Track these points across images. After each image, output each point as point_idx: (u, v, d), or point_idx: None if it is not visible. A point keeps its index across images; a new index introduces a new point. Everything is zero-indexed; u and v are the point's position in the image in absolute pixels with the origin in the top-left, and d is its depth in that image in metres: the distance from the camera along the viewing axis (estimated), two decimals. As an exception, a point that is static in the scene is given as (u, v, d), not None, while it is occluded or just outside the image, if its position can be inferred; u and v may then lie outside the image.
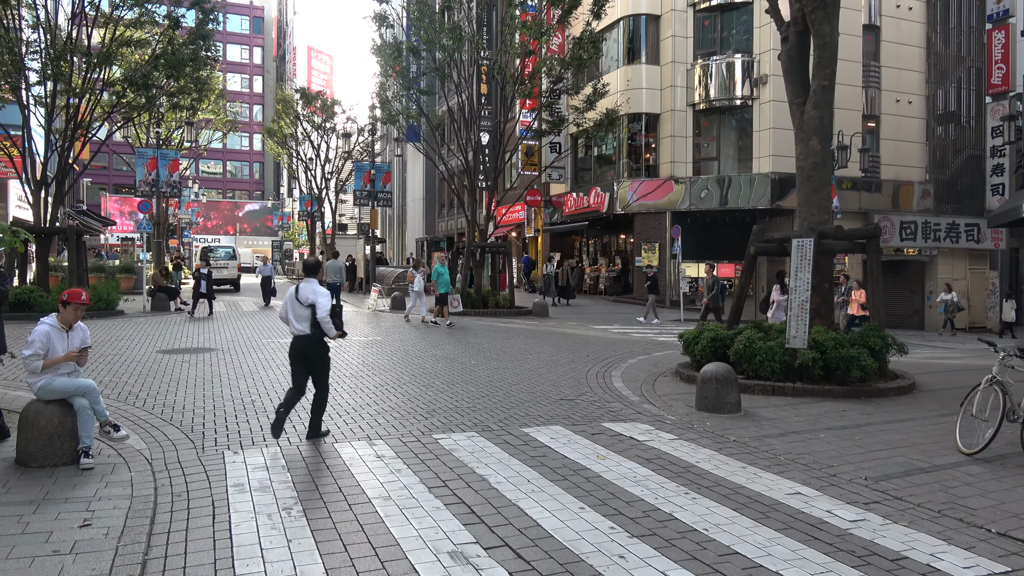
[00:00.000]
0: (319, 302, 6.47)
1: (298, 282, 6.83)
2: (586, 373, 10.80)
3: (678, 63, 25.25)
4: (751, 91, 24.23)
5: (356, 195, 26.28)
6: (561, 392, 9.17)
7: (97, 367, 10.14)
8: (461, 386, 9.39)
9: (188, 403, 7.99)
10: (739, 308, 10.96)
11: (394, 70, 20.86)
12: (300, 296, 6.54)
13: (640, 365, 11.78)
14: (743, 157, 24.87)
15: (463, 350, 12.98)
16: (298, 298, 6.55)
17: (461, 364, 11.29)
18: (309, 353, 6.63)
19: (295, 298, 6.57)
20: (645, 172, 26.00)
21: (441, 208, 44.42)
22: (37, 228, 17.24)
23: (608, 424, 7.45)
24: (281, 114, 40.46)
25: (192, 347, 12.57)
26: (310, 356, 6.64)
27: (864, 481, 5.72)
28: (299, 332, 6.58)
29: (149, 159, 23.60)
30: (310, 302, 6.49)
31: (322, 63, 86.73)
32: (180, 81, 19.64)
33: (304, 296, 6.52)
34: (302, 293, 6.55)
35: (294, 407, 6.72)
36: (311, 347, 6.63)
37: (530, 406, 8.24)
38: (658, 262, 25.06)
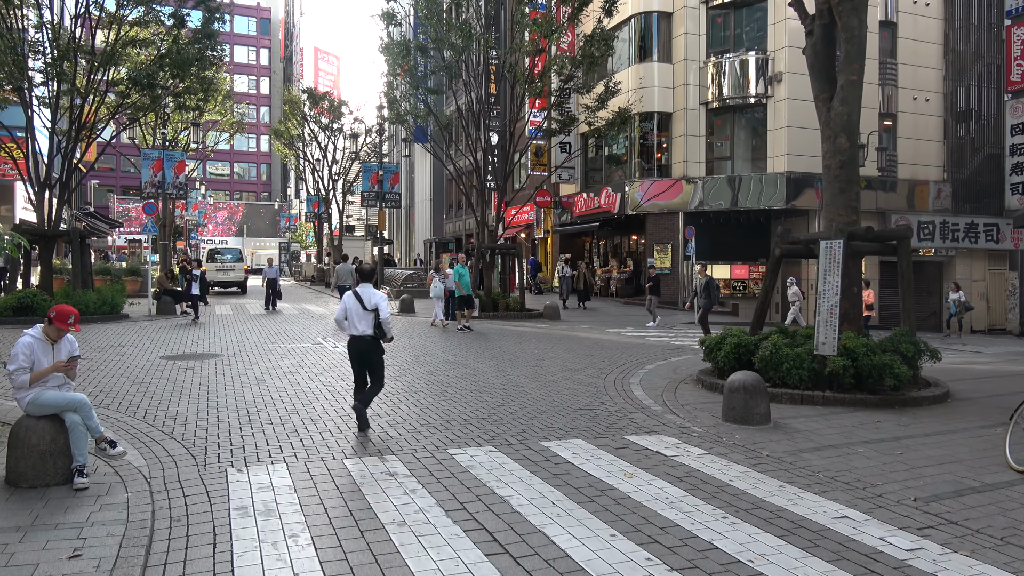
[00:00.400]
0: (382, 306, 7.00)
1: (355, 287, 7.23)
2: (604, 380, 10.41)
3: (690, 61, 24.82)
4: (765, 89, 23.77)
5: (364, 196, 25.94)
6: (579, 401, 8.79)
7: (98, 375, 9.81)
8: (475, 395, 9.01)
9: (191, 414, 7.64)
10: (763, 312, 10.53)
11: (402, 69, 20.50)
12: (365, 301, 7.00)
13: (659, 371, 11.37)
14: (757, 156, 24.42)
15: (475, 355, 12.60)
16: (363, 303, 7.00)
17: (474, 371, 10.92)
18: (368, 353, 7.10)
19: (359, 302, 7.01)
20: (657, 172, 25.57)
21: (449, 209, 44.08)
22: (40, 230, 16.97)
23: (632, 437, 7.06)
24: (288, 115, 40.18)
25: (197, 353, 12.24)
26: (368, 356, 7.11)
27: (913, 502, 5.31)
28: (359, 333, 7.02)
29: (155, 160, 23.33)
30: (374, 305, 6.97)
31: (329, 64, 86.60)
32: (186, 81, 19.34)
33: (368, 300, 6.99)
34: (365, 297, 7.02)
35: (367, 401, 7.15)
36: (370, 347, 7.08)
37: (548, 417, 7.85)
38: (671, 263, 24.64)
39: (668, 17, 25.50)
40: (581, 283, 23.67)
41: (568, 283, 24.04)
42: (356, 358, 7.14)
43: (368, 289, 7.15)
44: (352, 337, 7.12)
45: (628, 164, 26.45)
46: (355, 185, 41.15)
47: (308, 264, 48.43)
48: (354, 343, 7.11)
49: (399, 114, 21.80)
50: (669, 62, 25.31)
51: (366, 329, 7.00)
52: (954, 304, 23.36)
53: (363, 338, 7.03)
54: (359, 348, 7.08)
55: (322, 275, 38.58)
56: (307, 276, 44.60)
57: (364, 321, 7.00)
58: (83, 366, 10.45)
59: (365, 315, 7.00)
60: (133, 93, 18.08)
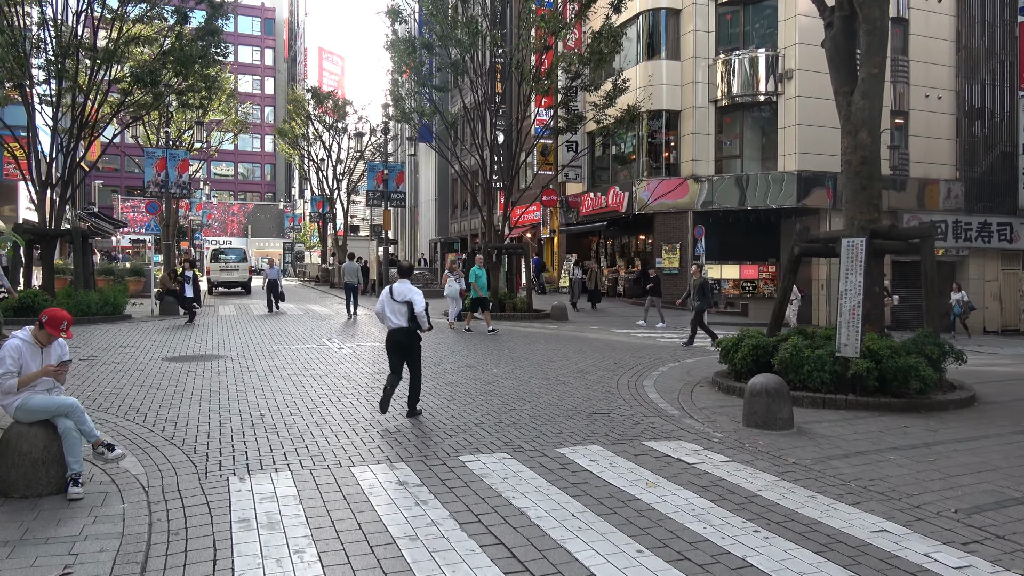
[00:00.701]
0: (415, 299, 7.43)
1: (392, 283, 7.68)
2: (616, 382, 10.12)
3: (699, 58, 24.50)
4: (775, 87, 23.44)
5: (369, 195, 25.68)
6: (593, 404, 8.50)
7: (97, 376, 9.56)
8: (485, 398, 8.73)
9: (192, 418, 7.37)
10: (781, 313, 10.22)
11: (408, 66, 20.24)
12: (396, 295, 7.46)
13: (672, 373, 11.08)
14: (767, 155, 24.09)
15: (483, 357, 12.32)
16: (394, 297, 7.46)
17: (483, 373, 10.64)
18: (404, 344, 7.55)
19: (391, 297, 7.49)
20: (665, 171, 25.26)
21: (454, 209, 43.81)
22: (42, 230, 16.74)
23: (651, 443, 6.76)
24: (292, 115, 39.99)
25: (199, 354, 11.98)
26: (405, 346, 7.56)
27: (954, 514, 5.01)
28: (396, 326, 7.49)
29: (158, 159, 23.11)
30: (407, 299, 7.44)
31: (333, 64, 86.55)
32: (189, 79, 19.10)
33: (400, 294, 7.46)
34: (398, 292, 7.48)
35: (395, 390, 7.52)
36: (407, 338, 7.54)
37: (562, 421, 7.56)
38: (679, 263, 24.32)
39: (677, 14, 25.19)
40: (593, 284, 23.23)
41: (579, 284, 23.46)
42: (393, 349, 7.60)
43: (403, 284, 7.62)
44: (390, 330, 7.61)
45: (636, 163, 26.15)
46: (359, 185, 40.92)
47: (312, 264, 48.24)
48: (391, 335, 7.60)
49: (404, 112, 21.54)
50: (678, 60, 25.00)
51: (401, 321, 7.48)
52: (957, 304, 22.77)
53: (399, 329, 7.51)
54: (395, 339, 7.55)
55: (327, 275, 38.37)
56: (311, 276, 44.40)
57: (398, 314, 7.49)
58: (83, 368, 10.20)
59: (398, 308, 7.47)
60: (136, 91, 17.85)
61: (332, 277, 35.89)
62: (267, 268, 21.76)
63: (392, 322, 7.51)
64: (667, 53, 25.13)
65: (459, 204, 42.83)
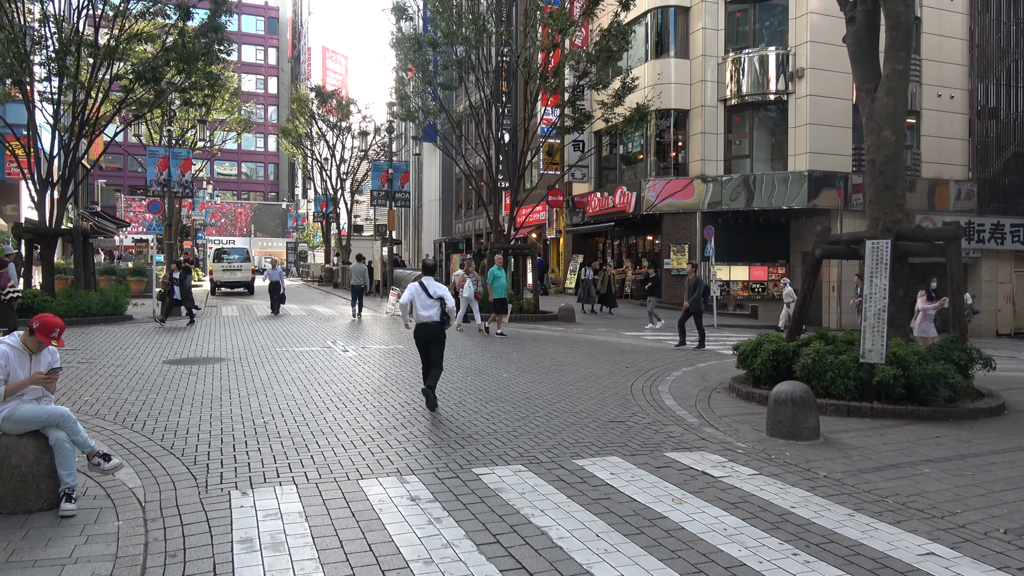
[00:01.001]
0: (447, 296, 8.00)
1: (420, 278, 8.19)
2: (631, 387, 9.82)
3: (708, 57, 24.18)
4: (786, 85, 23.11)
5: (373, 195, 25.39)
6: (608, 411, 8.19)
7: (96, 381, 9.27)
8: (496, 404, 8.42)
9: (193, 426, 7.08)
10: (801, 318, 9.90)
11: (414, 64, 19.95)
12: (430, 291, 7.99)
13: (687, 378, 10.77)
14: (777, 155, 23.76)
15: (492, 360, 12.02)
16: (428, 293, 7.97)
17: (492, 377, 10.33)
18: (434, 335, 8.02)
19: (423, 292, 8.00)
20: (674, 171, 24.93)
21: (458, 209, 43.52)
22: (42, 229, 16.48)
23: (673, 454, 6.46)
24: (296, 113, 39.73)
25: (201, 357, 11.69)
26: (435, 338, 8.02)
27: (1004, 535, 4.69)
28: (426, 320, 7.99)
29: (161, 158, 22.85)
30: (439, 295, 7.97)
31: (337, 63, 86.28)
32: (192, 77, 18.83)
33: (433, 291, 7.98)
34: (430, 288, 8.01)
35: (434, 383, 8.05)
36: (437, 331, 8.03)
37: (578, 430, 7.25)
38: (688, 263, 23.96)
39: (686, 12, 24.86)
40: (606, 286, 22.39)
41: (589, 286, 22.37)
42: (423, 342, 8.06)
43: (432, 281, 8.11)
44: (419, 324, 8.06)
45: (644, 163, 25.83)
46: (363, 184, 40.65)
47: (316, 264, 47.99)
48: (421, 329, 8.05)
49: (409, 111, 21.25)
50: (687, 58, 24.67)
51: (432, 316, 7.97)
52: None
53: (429, 324, 8.00)
54: (426, 334, 8.03)
55: (330, 275, 38.09)
56: (315, 277, 44.15)
57: (430, 309, 7.97)
58: (81, 371, 9.92)
59: (431, 303, 7.98)
60: (137, 88, 17.58)
61: (336, 277, 35.62)
62: (268, 269, 20.76)
63: (422, 316, 7.99)
64: (676, 51, 24.81)
65: (463, 204, 42.55)
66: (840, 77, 22.89)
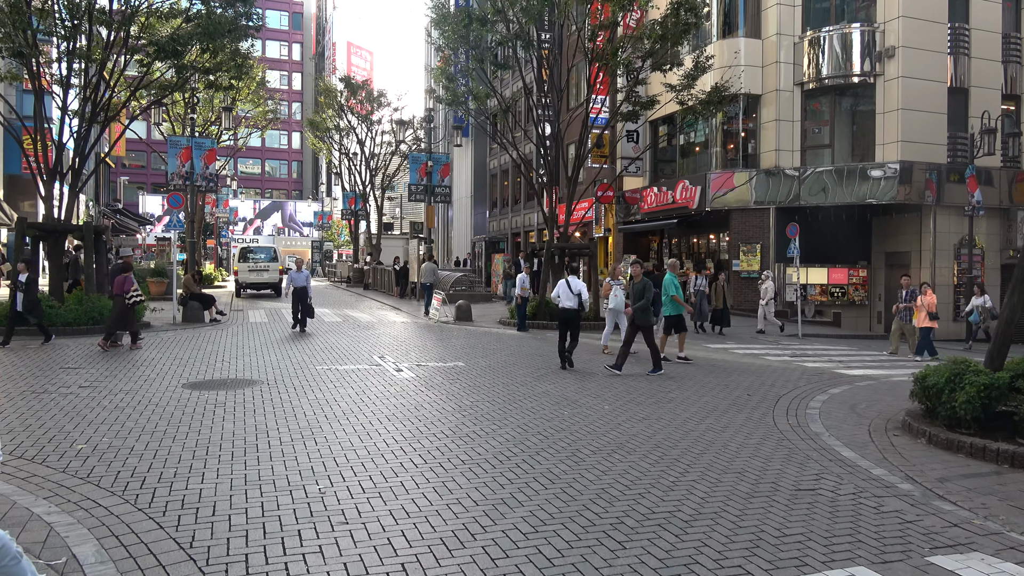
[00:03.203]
0: (584, 290, 11.24)
1: (567, 277, 11.45)
2: (774, 424, 7.69)
3: (784, 35, 21.82)
4: (873, 66, 20.70)
5: (411, 190, 23.36)
6: (776, 468, 6.01)
7: (96, 417, 7.24)
8: (621, 458, 6.26)
9: (221, 497, 5.00)
10: (1008, 339, 7.61)
11: (462, 43, 17.85)
12: (572, 288, 11.08)
13: (832, 411, 8.57)
14: (861, 144, 21.35)
15: (577, 385, 9.87)
16: (571, 288, 11.07)
17: (591, 411, 8.19)
18: (574, 319, 11.07)
19: (567, 287, 11.11)
20: (743, 162, 22.60)
21: (493, 207, 41.38)
22: (50, 224, 14.61)
23: (938, 559, 4.26)
24: (324, 106, 37.86)
25: (227, 379, 9.67)
26: (574, 321, 11.08)
27: None
28: (569, 307, 11.06)
29: (183, 149, 20.98)
30: (579, 291, 11.12)
31: (362, 59, 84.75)
32: (218, 55, 16.90)
33: (575, 288, 11.09)
34: (573, 286, 11.11)
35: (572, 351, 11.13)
36: (575, 316, 11.10)
37: (766, 510, 5.07)
38: (759, 265, 21.66)
39: (757, -13, 22.53)
40: (720, 299, 17.49)
41: (702, 300, 17.71)
42: (564, 323, 11.08)
43: (576, 280, 11.34)
44: (562, 309, 11.14)
45: (709, 153, 23.53)
46: (394, 180, 38.72)
47: (343, 264, 46.13)
48: (563, 313, 11.14)
49: (455, 95, 19.15)
50: (758, 38, 22.33)
51: (573, 304, 11.05)
52: (977, 311, 18.25)
53: (571, 310, 11.07)
54: (567, 317, 11.08)
55: (360, 276, 36.13)
56: (342, 277, 42.26)
57: (571, 299, 11.05)
58: (80, 401, 7.92)
59: (572, 296, 11.06)
60: (157, 66, 15.66)
61: (367, 278, 33.66)
62: (292, 271, 16.04)
63: (566, 304, 11.05)
64: (746, 30, 22.48)
65: (499, 201, 40.40)
66: (934, 57, 20.52)
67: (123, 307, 11.99)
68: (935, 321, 14.60)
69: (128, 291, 12.04)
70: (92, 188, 41.00)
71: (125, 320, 12.06)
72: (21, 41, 13.29)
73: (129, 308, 12.09)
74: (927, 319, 14.39)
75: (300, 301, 15.43)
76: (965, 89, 21.34)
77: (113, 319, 12.08)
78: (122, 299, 12.00)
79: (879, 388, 10.52)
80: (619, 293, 12.77)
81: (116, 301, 12.06)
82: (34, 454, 5.93)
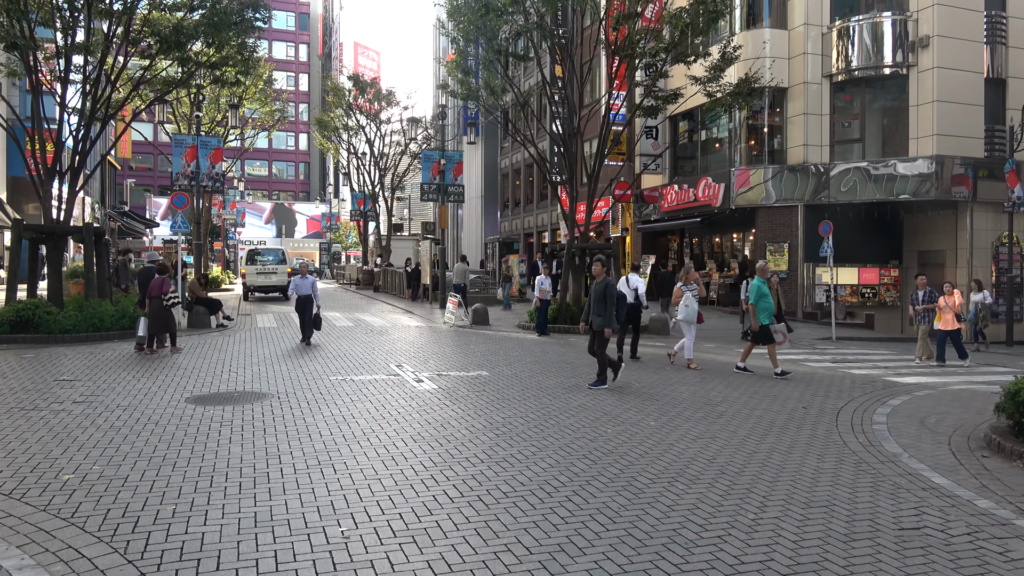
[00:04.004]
0: (641, 285, 12.58)
1: (627, 275, 12.72)
2: (844, 443, 6.92)
3: (811, 26, 20.97)
4: (906, 57, 19.83)
5: (424, 189, 22.61)
6: (867, 501, 5.20)
7: (89, 439, 6.48)
8: (685, 487, 5.45)
9: (227, 542, 4.22)
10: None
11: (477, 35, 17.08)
12: (630, 283, 12.32)
13: (901, 426, 7.78)
14: (894, 138, 20.48)
15: (615, 399, 9.06)
16: (628, 284, 12.28)
17: (636, 428, 7.39)
18: (634, 315, 12.21)
19: (626, 284, 12.24)
20: (769, 158, 21.75)
21: (504, 207, 40.60)
22: (48, 227, 13.91)
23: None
24: (332, 105, 37.17)
25: (235, 391, 8.91)
26: (634, 316, 12.23)
27: None
28: (629, 301, 11.80)
29: (188, 148, 20.28)
30: (635, 287, 12.27)
31: (369, 59, 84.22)
32: (224, 49, 16.17)
33: (633, 284, 12.31)
34: (631, 282, 12.34)
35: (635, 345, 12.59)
36: (636, 310, 12.31)
37: (873, 563, 4.25)
38: (787, 265, 20.80)
39: (781, -25, 21.70)
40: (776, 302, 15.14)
41: None
42: (628, 318, 11.62)
43: (634, 276, 12.62)
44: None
45: (734, 149, 22.68)
46: (404, 180, 38.00)
47: (351, 266, 45.44)
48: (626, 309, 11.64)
49: (470, 89, 18.37)
50: (784, 28, 21.49)
51: (631, 299, 11.95)
52: (975, 307, 16.98)
53: (633, 304, 12.05)
54: (630, 311, 11.80)
55: (370, 278, 35.39)
56: (351, 279, 41.55)
57: (630, 295, 12.04)
58: (72, 419, 7.16)
59: (630, 291, 12.11)
60: (160, 61, 14.95)
61: (377, 280, 32.93)
62: (297, 279, 13.67)
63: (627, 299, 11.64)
64: (771, 20, 21.66)
65: (510, 201, 39.62)
66: (970, 46, 19.64)
67: (161, 309, 11.96)
68: (961, 323, 13.74)
69: (167, 293, 12.08)
70: (98, 190, 40.45)
71: (165, 323, 12.05)
72: (16, 32, 12.58)
73: (167, 310, 12.08)
74: (954, 321, 13.48)
75: (304, 311, 13.35)
76: (1003, 80, 20.44)
77: (152, 323, 11.96)
78: (160, 301, 11.92)
79: (941, 399, 9.68)
80: (691, 302, 11.56)
81: (154, 304, 11.91)
82: (13, 487, 5.17)
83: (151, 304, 11.96)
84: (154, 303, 11.94)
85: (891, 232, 21.43)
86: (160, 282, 12.12)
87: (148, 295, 12.09)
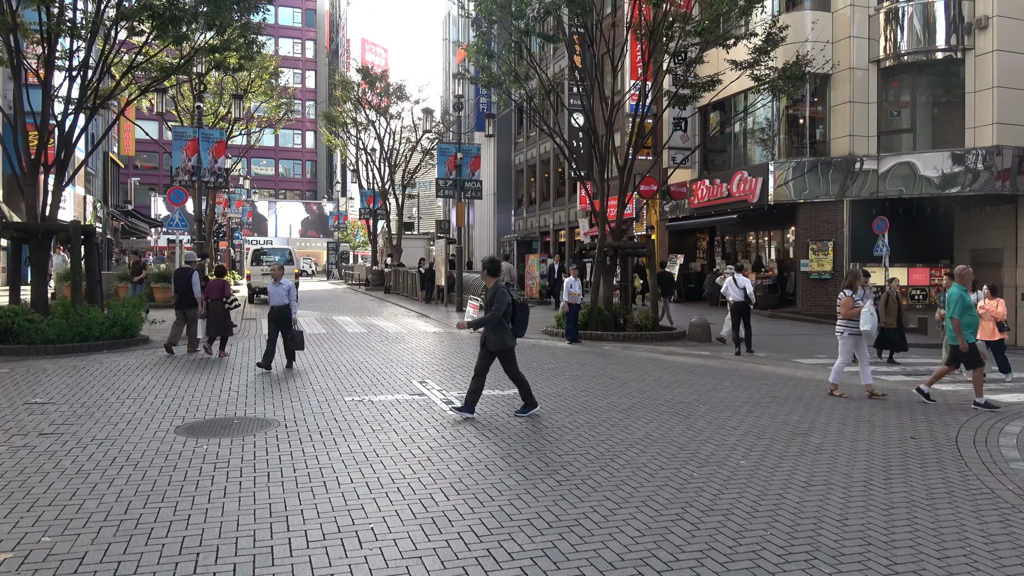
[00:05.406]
0: (748, 284, 13.46)
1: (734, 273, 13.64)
2: (993, 492, 5.48)
3: (857, 7, 19.51)
4: (961, 40, 18.35)
5: (439, 185, 21.27)
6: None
7: (54, 485, 5.12)
8: (831, 569, 4.05)
9: None
10: None
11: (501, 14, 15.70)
12: (738, 284, 13.27)
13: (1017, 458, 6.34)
14: (947, 128, 18.99)
15: (682, 425, 7.65)
16: (737, 285, 13.24)
17: (724, 468, 6.00)
18: (743, 311, 13.33)
19: (735, 285, 13.29)
20: (810, 151, 20.29)
21: (519, 205, 39.21)
22: (30, 225, 12.60)
23: None
24: (340, 100, 35.86)
25: (233, 416, 7.55)
26: (745, 313, 13.37)
27: None
28: (738, 299, 13.28)
29: (189, 140, 18.97)
30: (742, 286, 13.27)
31: (376, 56, 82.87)
32: (225, 32, 14.84)
33: (741, 284, 13.27)
34: (739, 282, 13.28)
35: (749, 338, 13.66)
36: (746, 309, 13.37)
37: None
38: (831, 265, 19.35)
39: (824, -47, 20.23)
40: (894, 317, 12.88)
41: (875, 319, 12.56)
42: (736, 314, 13.44)
43: (741, 276, 13.67)
44: (733, 301, 13.37)
45: (771, 142, 21.22)
46: (415, 177, 36.68)
47: (360, 266, 44.13)
48: (735, 305, 13.37)
49: (492, 76, 16.99)
50: (827, 10, 20.04)
51: (739, 297, 13.32)
52: None
53: (740, 302, 13.31)
54: (738, 308, 13.37)
55: (380, 279, 34.06)
56: (360, 279, 40.23)
57: (738, 293, 13.33)
58: (37, 459, 5.80)
59: (739, 290, 13.32)
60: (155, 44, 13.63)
61: (388, 281, 31.60)
62: (270, 284, 11.04)
63: (734, 297, 13.30)
64: (813, 2, 20.18)
65: (524, 199, 38.23)
66: (1034, 27, 18.10)
67: (223, 312, 11.92)
68: (1005, 332, 12.04)
69: (229, 296, 12.08)
70: (100, 189, 39.25)
71: (225, 325, 12.01)
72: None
73: (227, 313, 12.07)
74: (994, 330, 11.79)
75: (280, 328, 10.61)
76: (1068, 64, 18.92)
77: (213, 325, 11.93)
78: (221, 303, 11.84)
79: (1063, 423, 8.24)
80: (871, 312, 9.25)
81: (215, 306, 11.81)
82: (-76, 575, 3.82)
83: (211, 306, 11.83)
84: (215, 305, 11.81)
85: (942, 229, 19.97)
86: (221, 284, 12.08)
87: (207, 296, 11.95)
